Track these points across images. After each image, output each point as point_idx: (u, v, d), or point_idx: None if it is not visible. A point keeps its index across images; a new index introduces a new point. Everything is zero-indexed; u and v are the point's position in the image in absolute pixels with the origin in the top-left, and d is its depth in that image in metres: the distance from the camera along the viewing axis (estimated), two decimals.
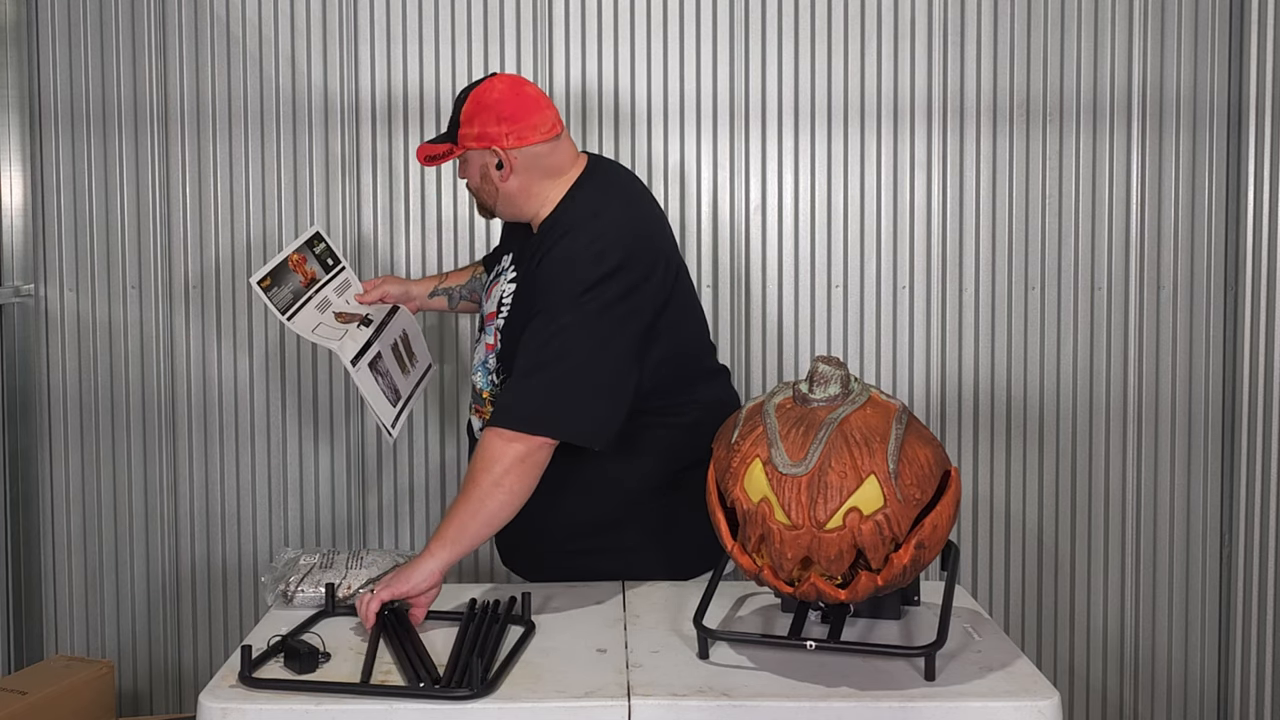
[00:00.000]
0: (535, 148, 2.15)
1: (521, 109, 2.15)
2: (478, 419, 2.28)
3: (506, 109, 2.14)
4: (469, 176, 2.23)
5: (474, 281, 2.59)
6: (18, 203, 3.15)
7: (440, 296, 2.57)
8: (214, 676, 1.72)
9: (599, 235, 2.08)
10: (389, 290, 2.49)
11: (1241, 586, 3.13)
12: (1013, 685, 1.68)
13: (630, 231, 2.13)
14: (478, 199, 2.27)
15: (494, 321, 2.22)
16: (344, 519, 3.21)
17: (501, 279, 2.26)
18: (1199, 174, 3.11)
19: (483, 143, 2.14)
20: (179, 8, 3.12)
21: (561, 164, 2.20)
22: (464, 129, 2.16)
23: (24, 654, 3.17)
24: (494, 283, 2.29)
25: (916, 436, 1.72)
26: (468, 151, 2.18)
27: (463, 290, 2.59)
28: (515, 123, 2.13)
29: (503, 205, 2.22)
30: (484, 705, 1.62)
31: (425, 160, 2.22)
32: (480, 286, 2.53)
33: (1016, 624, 3.19)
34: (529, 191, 2.18)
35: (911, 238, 3.13)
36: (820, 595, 1.70)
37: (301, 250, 2.44)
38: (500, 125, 2.13)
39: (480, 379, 2.27)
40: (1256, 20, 3.03)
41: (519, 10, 3.12)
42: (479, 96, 2.16)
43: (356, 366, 2.29)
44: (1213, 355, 3.14)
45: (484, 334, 2.27)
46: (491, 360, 2.23)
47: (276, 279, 2.35)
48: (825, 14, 3.11)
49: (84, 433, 3.18)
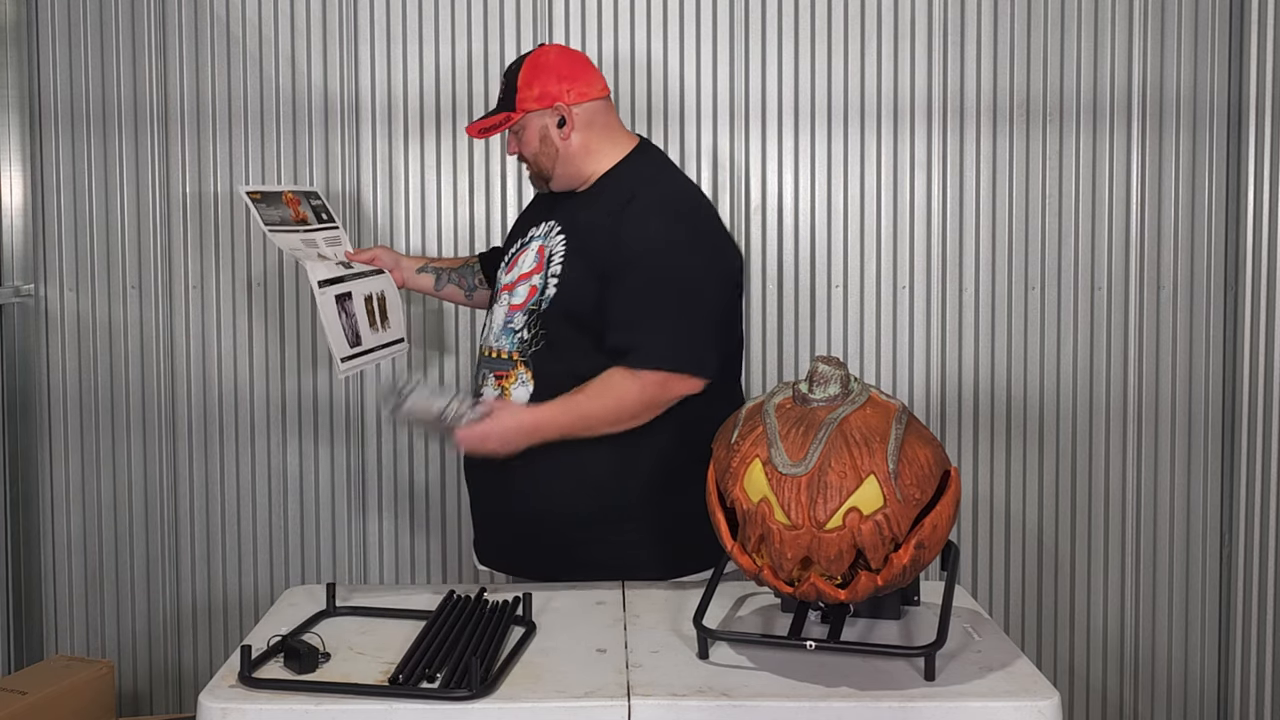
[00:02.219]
0: (594, 104, 2.25)
1: (578, 67, 2.26)
2: (494, 387, 2.26)
3: (565, 68, 2.24)
4: (525, 144, 2.27)
5: (466, 269, 2.60)
6: (18, 203, 3.15)
7: (428, 274, 2.59)
8: (214, 676, 1.72)
9: (683, 191, 2.26)
10: (380, 255, 2.53)
11: (1241, 586, 3.13)
12: (1013, 685, 1.67)
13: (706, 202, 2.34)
14: (535, 166, 2.29)
15: (529, 280, 2.23)
16: (344, 519, 3.21)
17: (538, 242, 2.26)
18: (1199, 174, 3.11)
19: (544, 102, 2.22)
20: (179, 8, 3.12)
21: (616, 125, 2.30)
22: (523, 93, 2.22)
23: (24, 654, 3.17)
24: (521, 251, 2.29)
25: (916, 436, 1.72)
26: (526, 116, 2.24)
27: (452, 274, 2.60)
28: (575, 80, 2.23)
29: (562, 166, 2.26)
30: (484, 705, 1.61)
31: (479, 133, 2.27)
32: (471, 273, 2.58)
33: (1016, 624, 3.19)
34: (589, 149, 2.25)
35: (911, 238, 3.14)
36: (820, 595, 1.70)
37: (298, 194, 2.49)
38: (561, 83, 2.22)
39: (505, 342, 2.25)
40: (1256, 20, 3.03)
41: (519, 10, 3.12)
42: (535, 61, 2.24)
43: (322, 290, 2.31)
44: (1213, 355, 3.14)
45: (498, 302, 2.28)
46: (518, 319, 2.22)
47: (268, 201, 2.41)
48: (825, 14, 3.12)
49: (84, 433, 3.19)
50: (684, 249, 2.15)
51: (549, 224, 2.28)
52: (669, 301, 2.12)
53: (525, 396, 2.20)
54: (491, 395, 2.25)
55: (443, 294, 2.63)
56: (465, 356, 3.18)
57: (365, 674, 1.71)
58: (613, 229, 2.14)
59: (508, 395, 2.21)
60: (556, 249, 2.22)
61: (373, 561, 3.22)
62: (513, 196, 3.16)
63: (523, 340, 2.22)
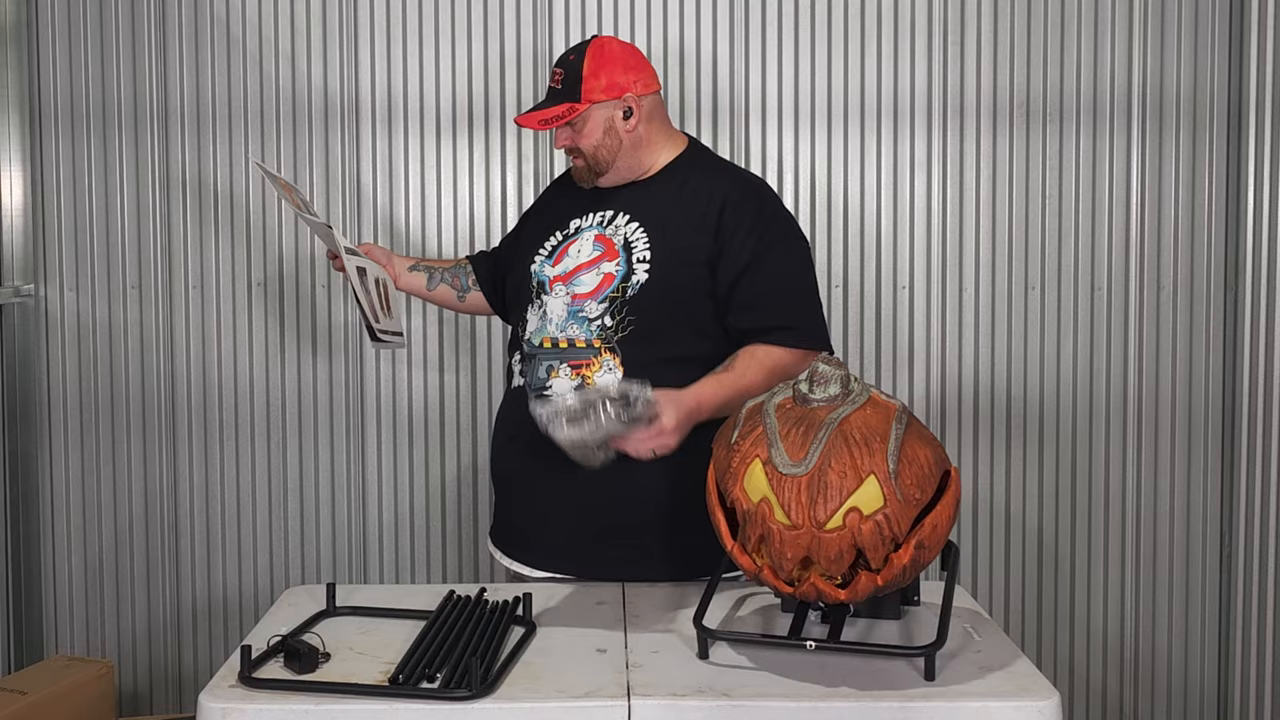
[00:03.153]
0: (655, 96, 2.28)
1: (640, 59, 2.28)
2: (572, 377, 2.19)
3: (629, 59, 2.25)
4: (585, 135, 2.23)
5: (459, 269, 2.56)
6: (18, 203, 3.15)
7: (420, 273, 2.55)
8: (214, 676, 1.72)
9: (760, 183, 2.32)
10: (372, 250, 2.49)
11: (1241, 586, 3.13)
12: (1013, 685, 1.67)
13: None
14: (591, 159, 2.26)
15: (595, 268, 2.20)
16: (344, 519, 3.21)
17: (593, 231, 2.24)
18: (1199, 174, 3.11)
19: (613, 93, 2.21)
20: (179, 8, 3.12)
21: (667, 120, 2.33)
22: (589, 83, 2.20)
23: (24, 654, 3.17)
24: (570, 242, 2.26)
25: (916, 436, 1.72)
26: (590, 108, 2.22)
27: (445, 274, 2.55)
28: (640, 71, 2.25)
29: (624, 158, 2.25)
30: (484, 705, 1.61)
31: (540, 124, 2.23)
32: (464, 274, 2.55)
33: (1016, 624, 3.19)
34: (651, 141, 2.27)
35: (911, 238, 3.13)
36: (820, 595, 1.70)
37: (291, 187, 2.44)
38: (629, 73, 2.22)
39: (578, 330, 2.19)
40: (1256, 20, 3.03)
41: (519, 10, 3.12)
42: (599, 52, 2.23)
43: (349, 256, 2.26)
44: (1213, 355, 3.14)
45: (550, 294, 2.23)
46: (591, 307, 2.18)
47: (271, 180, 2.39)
48: (825, 14, 3.12)
49: (84, 433, 3.19)
50: (800, 235, 2.27)
51: (605, 213, 2.26)
52: (809, 282, 2.23)
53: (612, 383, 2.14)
54: (569, 386, 2.18)
55: (433, 295, 2.58)
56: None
57: (365, 674, 1.71)
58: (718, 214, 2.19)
59: (590, 384, 2.17)
60: (635, 237, 2.21)
61: (373, 561, 3.22)
62: (513, 196, 3.15)
63: (604, 327, 2.18)
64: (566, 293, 2.22)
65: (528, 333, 2.26)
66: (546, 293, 2.25)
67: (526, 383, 2.24)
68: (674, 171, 2.28)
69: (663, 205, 2.23)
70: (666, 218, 2.22)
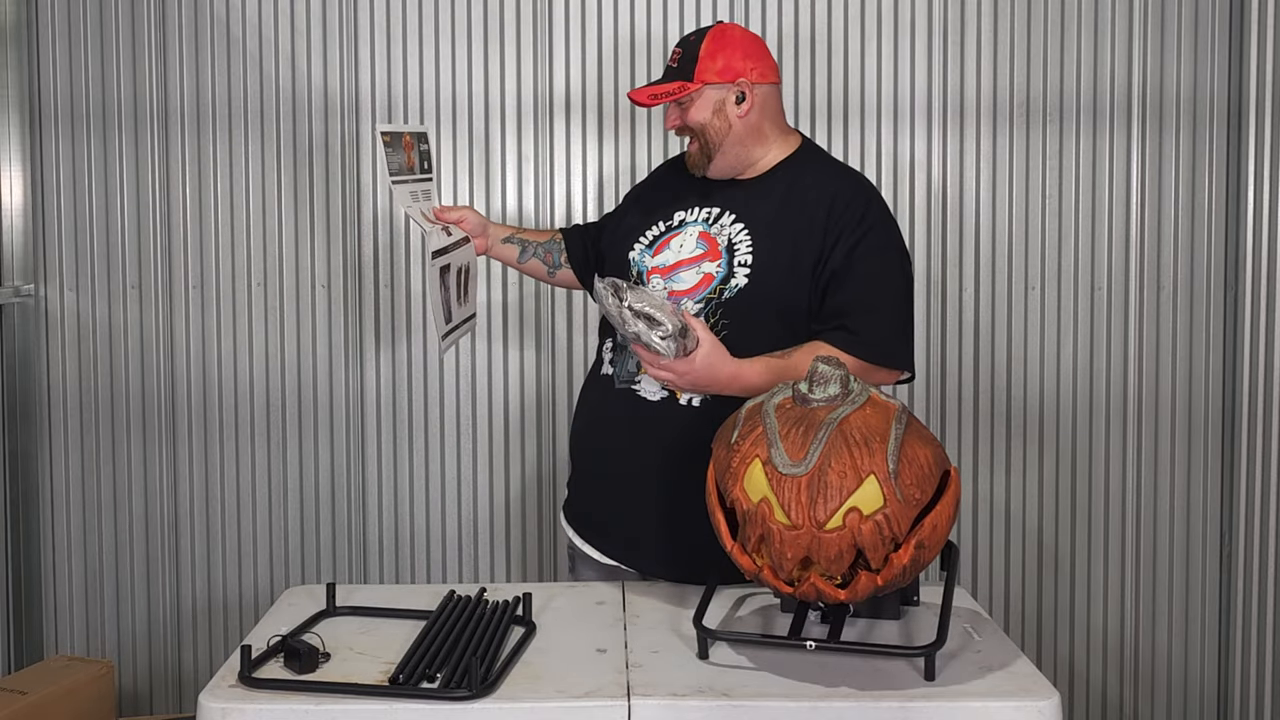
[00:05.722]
0: (772, 87, 2.23)
1: (761, 49, 2.24)
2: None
3: (751, 47, 2.22)
4: (695, 116, 2.20)
5: (552, 244, 2.51)
6: (18, 203, 3.15)
7: (514, 245, 2.49)
8: (214, 676, 1.72)
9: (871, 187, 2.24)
10: (468, 217, 2.41)
11: (1241, 586, 3.13)
12: (1013, 685, 1.67)
13: None
14: (702, 139, 2.22)
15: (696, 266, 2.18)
16: (344, 519, 3.21)
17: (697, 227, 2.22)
18: (1199, 174, 3.11)
19: (726, 76, 2.18)
20: (179, 8, 3.12)
21: (782, 115, 2.28)
22: (704, 63, 2.18)
23: (24, 654, 3.17)
24: (672, 234, 2.24)
25: (916, 436, 1.72)
26: (703, 88, 2.19)
27: (538, 249, 2.49)
28: (759, 60, 2.21)
29: (730, 144, 2.21)
30: (484, 705, 1.61)
31: (649, 99, 2.20)
32: (557, 250, 2.49)
33: (1016, 624, 3.19)
34: (760, 132, 2.22)
35: (912, 238, 3.13)
36: (820, 595, 1.70)
37: (413, 137, 2.36)
38: (747, 60, 2.19)
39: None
40: (1256, 20, 3.03)
41: (519, 10, 3.12)
42: (719, 36, 2.21)
43: (434, 262, 2.22)
44: (1213, 355, 3.14)
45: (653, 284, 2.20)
46: (688, 305, 2.16)
47: (394, 145, 2.28)
48: (825, 14, 3.12)
49: (84, 433, 3.19)
50: (901, 248, 2.23)
51: (710, 210, 2.23)
52: (897, 295, 2.18)
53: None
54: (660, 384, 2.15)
55: (524, 267, 2.52)
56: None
57: (365, 674, 1.71)
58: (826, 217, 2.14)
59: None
60: (739, 239, 2.18)
61: (373, 561, 3.22)
62: (513, 196, 3.16)
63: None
64: (664, 288, 2.19)
65: None
66: (644, 284, 2.21)
67: (615, 374, 2.22)
68: (784, 171, 2.23)
69: (770, 207, 2.19)
70: (773, 221, 2.18)
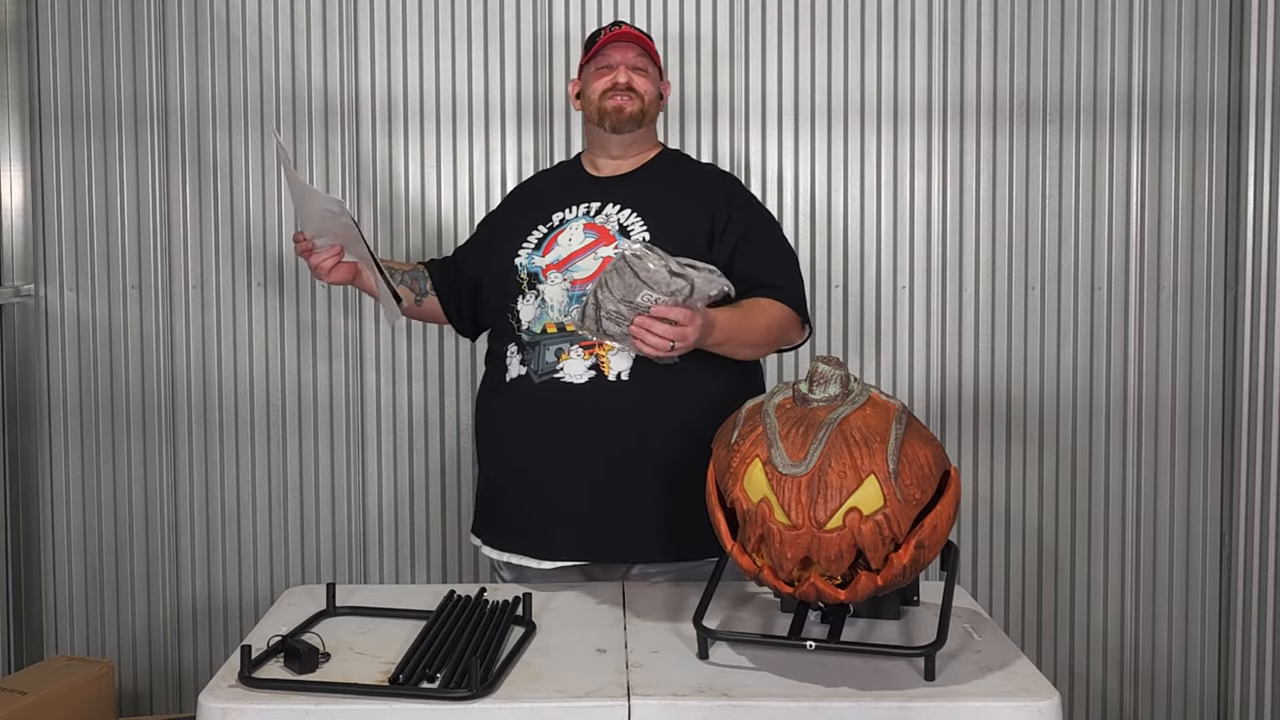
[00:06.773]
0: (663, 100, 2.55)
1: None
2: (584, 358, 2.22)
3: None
4: (650, 85, 2.42)
5: (418, 273, 2.54)
6: (18, 203, 3.15)
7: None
8: (214, 676, 1.72)
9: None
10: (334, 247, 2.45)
11: (1241, 586, 3.13)
12: (1013, 685, 1.68)
13: None
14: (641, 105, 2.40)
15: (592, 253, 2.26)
16: (344, 519, 3.21)
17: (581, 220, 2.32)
18: (1199, 174, 3.11)
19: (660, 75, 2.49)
20: (179, 8, 3.12)
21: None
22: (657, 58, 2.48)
23: (24, 654, 3.17)
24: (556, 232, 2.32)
25: (916, 436, 1.72)
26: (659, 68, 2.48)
27: (404, 276, 2.51)
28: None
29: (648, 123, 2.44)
30: (484, 705, 1.62)
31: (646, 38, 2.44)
32: (423, 279, 2.53)
33: (1016, 624, 3.19)
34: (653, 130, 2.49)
35: (911, 238, 3.14)
36: (820, 595, 1.70)
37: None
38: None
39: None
40: (1256, 20, 3.03)
41: (519, 10, 3.12)
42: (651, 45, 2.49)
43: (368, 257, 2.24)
44: (1213, 355, 3.14)
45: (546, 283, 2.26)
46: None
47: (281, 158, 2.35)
48: (825, 14, 3.12)
49: (84, 433, 3.19)
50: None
51: (590, 205, 2.35)
52: (794, 256, 2.44)
53: (628, 364, 2.20)
54: (584, 366, 2.21)
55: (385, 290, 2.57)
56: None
57: (365, 674, 1.71)
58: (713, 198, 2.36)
59: (606, 364, 2.20)
60: (630, 221, 2.30)
61: (373, 561, 3.22)
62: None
63: None
64: (564, 279, 2.26)
65: (524, 323, 2.29)
66: (541, 282, 2.29)
67: (531, 369, 2.26)
68: (658, 165, 2.44)
69: (654, 192, 2.36)
70: (659, 203, 2.33)
